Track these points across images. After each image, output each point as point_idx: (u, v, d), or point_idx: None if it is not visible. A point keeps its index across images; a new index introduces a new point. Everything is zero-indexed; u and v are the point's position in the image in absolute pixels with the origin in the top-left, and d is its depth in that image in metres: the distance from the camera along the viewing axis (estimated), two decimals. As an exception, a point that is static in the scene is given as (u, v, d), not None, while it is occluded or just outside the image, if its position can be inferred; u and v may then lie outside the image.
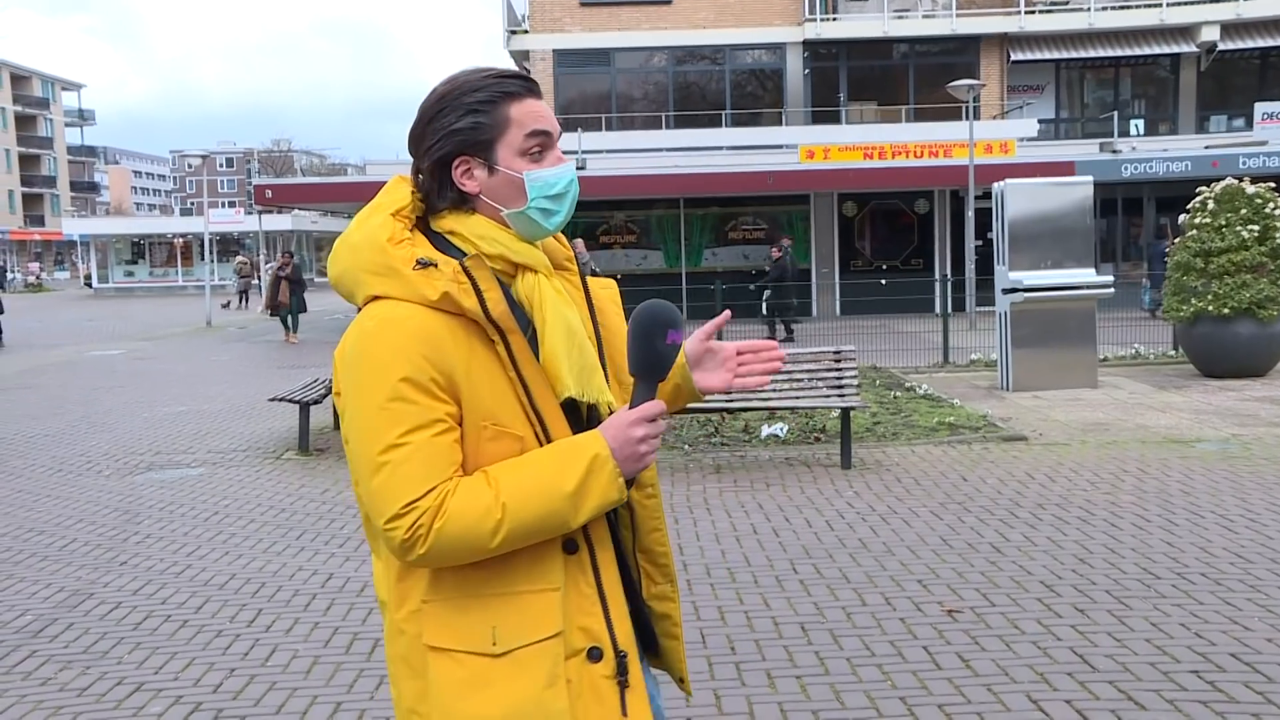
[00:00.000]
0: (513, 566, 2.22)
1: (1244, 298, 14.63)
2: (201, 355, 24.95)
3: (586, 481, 2.15)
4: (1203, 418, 12.38)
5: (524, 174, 2.28)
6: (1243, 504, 8.58)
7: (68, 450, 12.68)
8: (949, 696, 5.16)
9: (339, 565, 7.65)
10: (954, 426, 11.97)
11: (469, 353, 2.20)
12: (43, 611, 6.94)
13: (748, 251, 32.79)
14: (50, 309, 49.35)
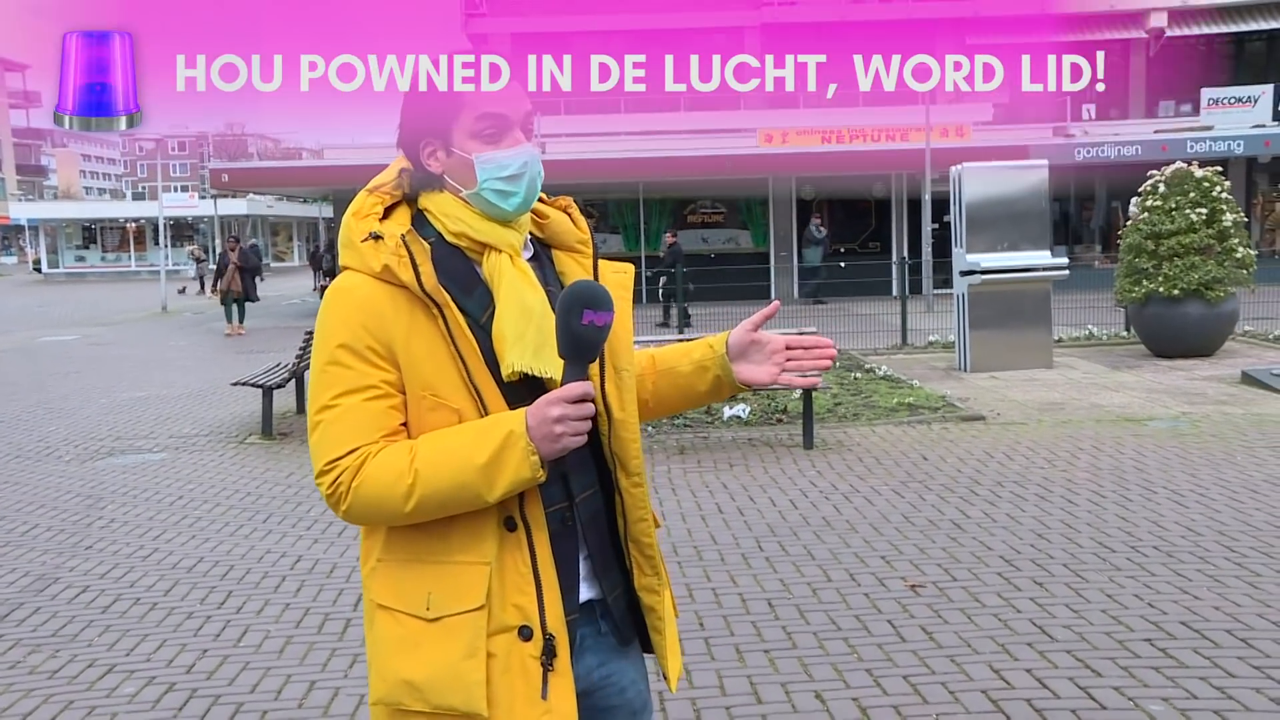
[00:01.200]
0: (451, 536, 2.27)
1: (1193, 279, 14.83)
2: (159, 340, 24.80)
3: (500, 456, 2.16)
4: (1154, 396, 12.54)
5: (474, 156, 2.34)
6: (1193, 479, 8.72)
7: (25, 436, 12.59)
8: (913, 668, 5.23)
9: (307, 548, 7.66)
10: (913, 407, 12.04)
11: (410, 323, 2.26)
12: (8, 596, 6.92)
13: (706, 235, 32.87)
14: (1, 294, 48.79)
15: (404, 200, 2.42)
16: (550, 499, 2.31)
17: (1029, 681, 5.04)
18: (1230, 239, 15.11)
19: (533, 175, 2.36)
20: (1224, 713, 4.71)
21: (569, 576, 2.34)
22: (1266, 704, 4.79)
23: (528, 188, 2.36)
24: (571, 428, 2.16)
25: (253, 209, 62.09)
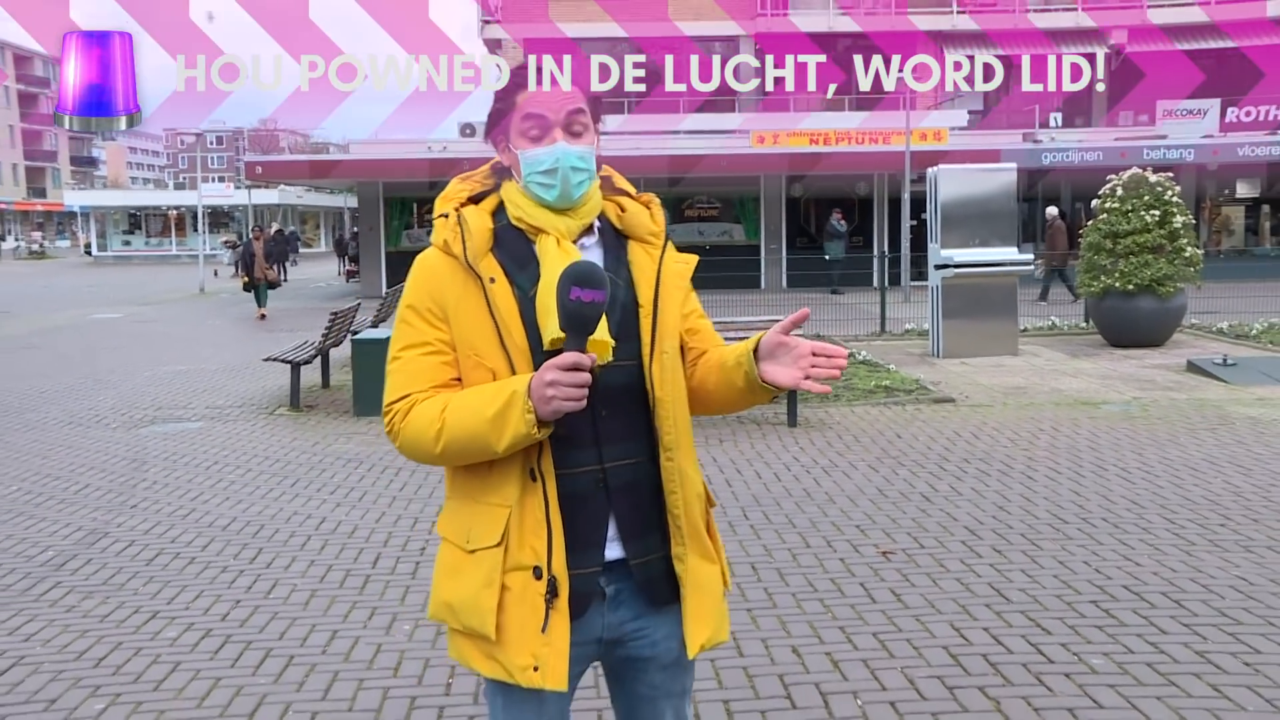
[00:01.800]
0: (488, 481, 2.38)
1: (1146, 276, 14.89)
2: (196, 319, 24.77)
3: (504, 413, 2.24)
4: (1109, 383, 12.58)
5: (519, 152, 2.44)
6: (1140, 458, 8.78)
7: (77, 405, 12.63)
8: (882, 626, 5.29)
9: (330, 510, 7.69)
10: (890, 389, 12.05)
11: (462, 291, 2.39)
12: (63, 548, 6.98)
13: (702, 229, 32.83)
14: (53, 275, 48.69)
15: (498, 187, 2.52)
16: (580, 461, 2.37)
17: (985, 639, 5.10)
18: (1180, 239, 15.15)
19: (565, 171, 2.39)
20: (1155, 665, 4.78)
21: (593, 533, 2.39)
22: (1193, 657, 4.88)
23: (562, 182, 2.40)
24: (562, 392, 2.20)
25: (284, 199, 61.95)
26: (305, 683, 4.80)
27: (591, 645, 2.46)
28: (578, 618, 2.39)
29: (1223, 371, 12.68)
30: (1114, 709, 4.37)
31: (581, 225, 2.46)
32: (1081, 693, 4.52)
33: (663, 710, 2.58)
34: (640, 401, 2.41)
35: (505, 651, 2.36)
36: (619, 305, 2.41)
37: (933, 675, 4.71)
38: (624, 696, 2.60)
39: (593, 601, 2.41)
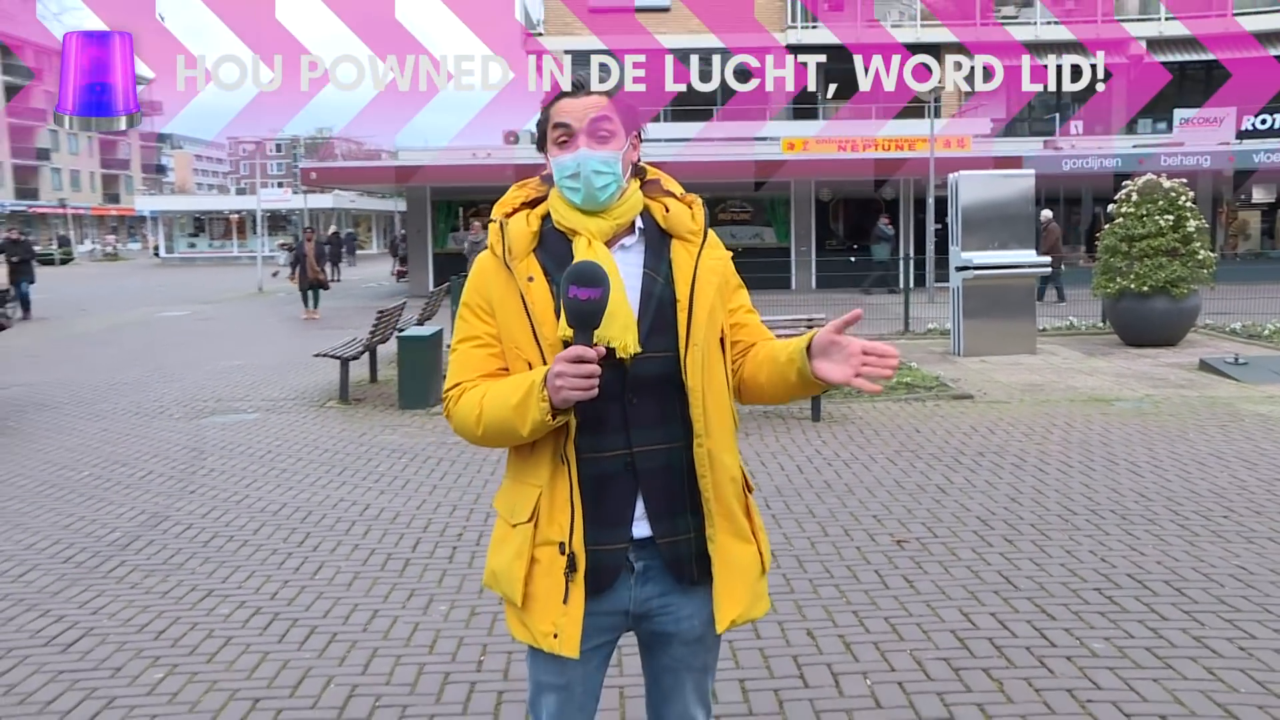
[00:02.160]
0: (526, 462, 2.48)
1: (1160, 278, 14.77)
2: (254, 317, 25.00)
3: (524, 400, 2.30)
4: (1123, 380, 12.48)
5: (551, 159, 2.49)
6: (1149, 453, 8.72)
7: (143, 397, 12.80)
8: (894, 611, 5.30)
9: (375, 498, 7.77)
10: (910, 386, 12.01)
11: (505, 290, 2.46)
12: (129, 530, 7.10)
13: (735, 231, 32.78)
14: (125, 276, 49.26)
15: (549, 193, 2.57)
16: (609, 445, 2.40)
17: (992, 623, 5.10)
18: (1193, 242, 15.00)
19: (587, 175, 2.42)
20: (1154, 649, 4.77)
21: (620, 512, 2.43)
22: (1190, 642, 4.86)
23: (585, 185, 2.43)
24: (569, 383, 2.23)
25: (338, 203, 62.30)
26: (347, 658, 4.87)
27: (619, 616, 2.50)
28: (606, 590, 2.44)
29: (1234, 370, 12.56)
30: (1111, 690, 4.37)
31: (616, 226, 2.48)
32: (1081, 675, 4.52)
33: (684, 682, 2.62)
34: (677, 390, 2.43)
35: (532, 618, 2.44)
36: (655, 299, 2.45)
37: (940, 657, 4.72)
38: (651, 667, 2.66)
39: (620, 575, 2.46)
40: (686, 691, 2.63)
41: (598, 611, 2.45)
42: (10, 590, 5.94)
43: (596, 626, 2.47)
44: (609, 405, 2.37)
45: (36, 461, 9.30)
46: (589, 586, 2.42)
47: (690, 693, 2.63)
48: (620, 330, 2.34)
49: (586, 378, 2.24)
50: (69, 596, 5.81)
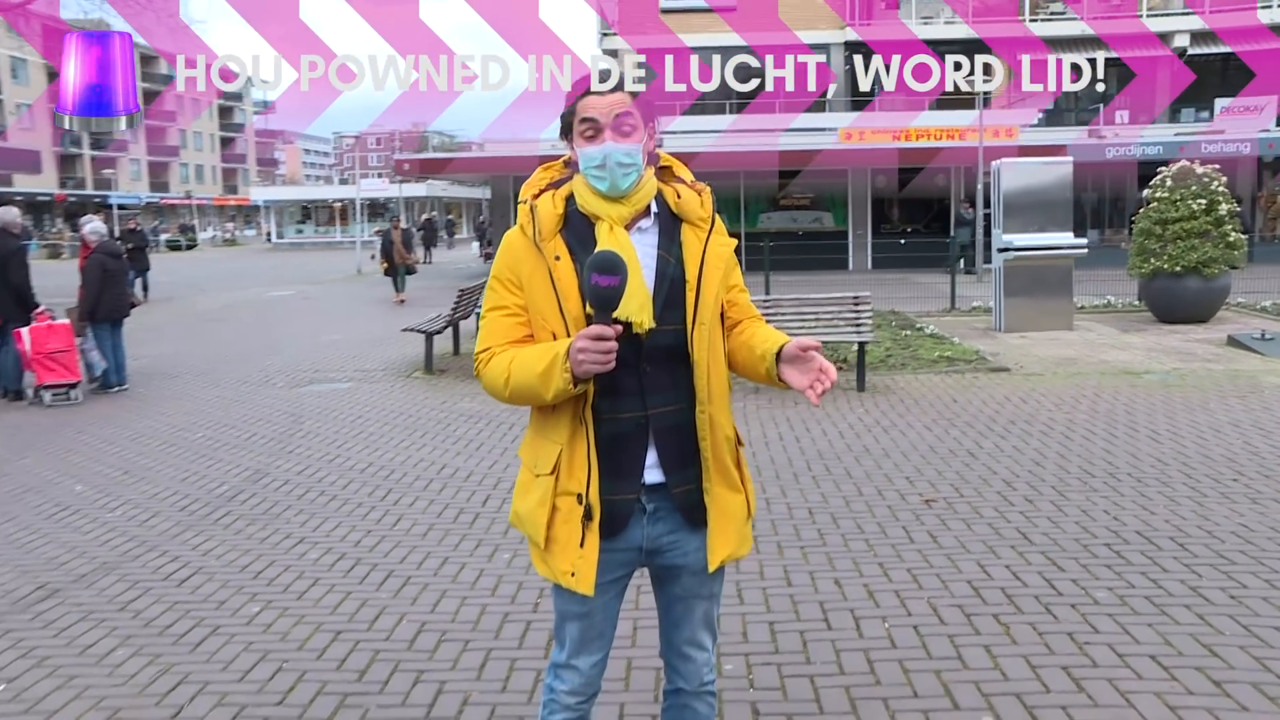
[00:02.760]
0: (549, 420, 2.58)
1: (1192, 258, 14.52)
2: (352, 297, 25.28)
3: (549, 369, 2.40)
4: (1153, 355, 12.28)
5: (578, 150, 2.57)
6: (1170, 422, 8.62)
7: (251, 368, 13.11)
8: (916, 563, 5.35)
9: (451, 458, 7.91)
10: (951, 359, 11.94)
11: (533, 266, 2.55)
12: (235, 484, 7.36)
13: (796, 216, 32.65)
14: (240, 259, 50.26)
15: (572, 176, 2.65)
16: (626, 408, 2.50)
17: (1006, 575, 5.14)
18: (1225, 225, 14.68)
19: (612, 165, 2.49)
20: (1152, 598, 4.79)
21: (633, 465, 2.53)
22: (1186, 591, 4.88)
23: (610, 175, 2.50)
24: (590, 357, 2.33)
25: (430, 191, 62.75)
26: (419, 598, 5.04)
27: (633, 552, 2.60)
28: (619, 533, 2.55)
29: (1260, 345, 12.30)
30: (1109, 633, 4.41)
31: (633, 211, 2.55)
32: (1083, 620, 4.55)
33: (694, 609, 2.72)
34: (684, 360, 2.53)
35: (553, 558, 2.56)
36: (668, 279, 2.53)
37: (954, 604, 4.77)
38: (663, 597, 2.75)
39: (633, 516, 2.56)
40: (695, 619, 2.73)
41: (614, 549, 2.57)
42: (137, 533, 6.24)
43: (613, 562, 2.58)
44: (626, 373, 2.46)
45: (160, 423, 9.63)
46: (604, 531, 2.53)
47: (699, 620, 2.73)
48: (637, 309, 2.43)
49: (605, 353, 2.34)
50: (184, 540, 6.07)
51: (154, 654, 4.49)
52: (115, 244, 12.23)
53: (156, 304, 22.61)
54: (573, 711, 2.71)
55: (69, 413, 10.40)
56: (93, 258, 11.67)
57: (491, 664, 4.27)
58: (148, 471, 7.80)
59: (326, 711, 3.90)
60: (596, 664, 2.70)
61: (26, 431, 9.52)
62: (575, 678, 2.69)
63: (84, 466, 8.04)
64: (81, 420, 9.95)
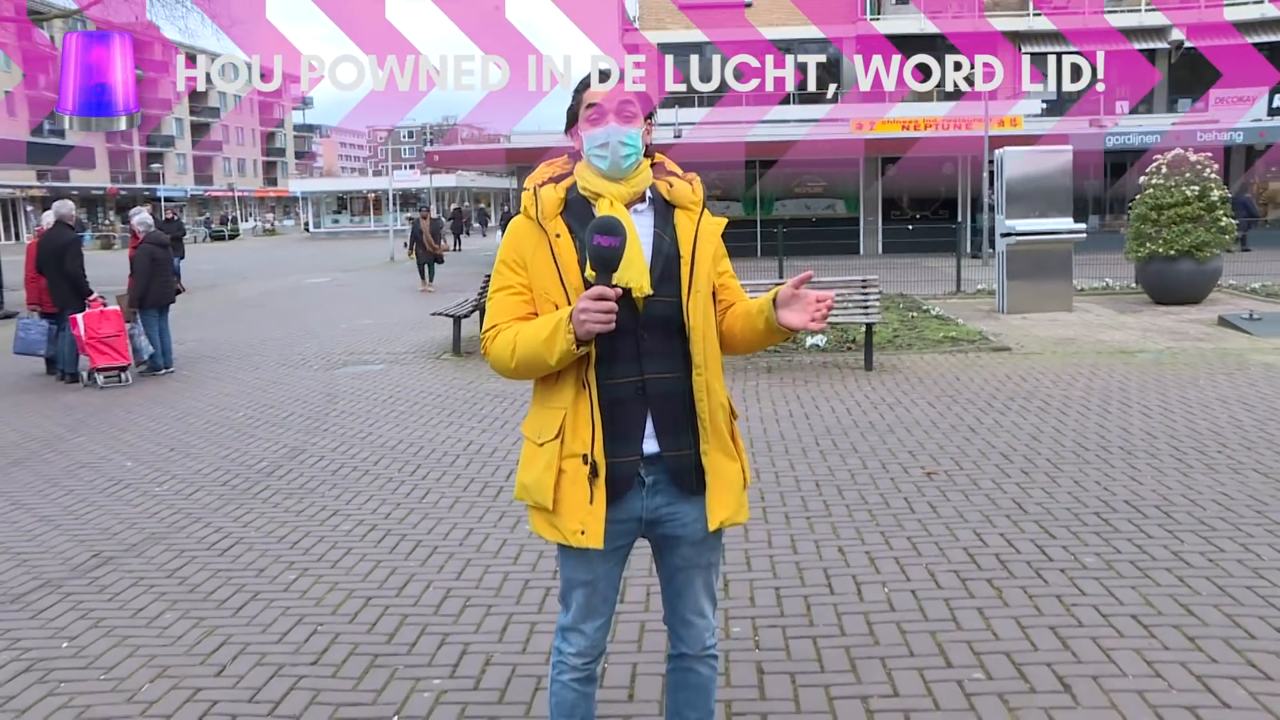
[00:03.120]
0: (551, 390, 2.62)
1: (1186, 242, 14.45)
2: (384, 283, 25.30)
3: (553, 334, 2.44)
4: (1148, 334, 12.24)
5: (583, 134, 2.63)
6: (1161, 398, 8.61)
7: (288, 351, 13.22)
8: (916, 531, 5.38)
9: (477, 436, 7.99)
10: (955, 339, 11.92)
11: (536, 246, 2.60)
12: (274, 460, 7.45)
13: (809, 203, 32.52)
14: (279, 248, 50.45)
15: (572, 171, 2.68)
16: (625, 373, 2.54)
17: (1000, 542, 5.17)
18: (1217, 210, 14.59)
19: (614, 145, 2.56)
20: (1136, 562, 4.83)
21: (633, 429, 2.56)
22: (1168, 555, 4.91)
23: (612, 154, 2.56)
24: (591, 317, 2.37)
25: (460, 182, 62.83)
26: (445, 566, 5.11)
27: (634, 523, 2.63)
28: (620, 497, 2.58)
29: (1248, 325, 12.27)
30: (1094, 595, 4.44)
31: (632, 193, 2.60)
32: (1071, 583, 4.59)
33: (693, 579, 2.75)
34: (679, 329, 2.57)
35: (561, 520, 2.59)
36: (663, 255, 2.58)
37: (951, 570, 4.81)
38: (664, 567, 2.78)
39: (633, 485, 2.59)
40: (697, 588, 2.76)
41: (616, 519, 2.59)
42: (182, 506, 6.35)
43: (615, 531, 2.61)
44: (625, 340, 2.51)
45: (204, 403, 9.75)
46: (608, 495, 2.57)
47: (700, 589, 2.77)
48: (636, 275, 2.48)
49: (606, 313, 2.39)
50: (226, 512, 6.17)
51: (199, 617, 4.59)
52: (162, 234, 12.36)
53: (199, 291, 22.78)
54: (579, 671, 2.75)
55: (120, 394, 10.54)
56: (141, 248, 11.79)
57: (512, 627, 4.34)
58: (192, 449, 7.91)
59: (358, 670, 3.98)
60: (600, 628, 2.74)
61: (81, 411, 9.66)
62: (581, 640, 2.73)
63: (134, 444, 8.17)
64: (131, 401, 10.09)
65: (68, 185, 63.20)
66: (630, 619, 4.33)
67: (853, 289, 11.03)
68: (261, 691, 3.84)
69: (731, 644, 4.07)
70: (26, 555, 5.57)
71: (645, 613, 4.39)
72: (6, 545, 5.75)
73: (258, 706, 3.72)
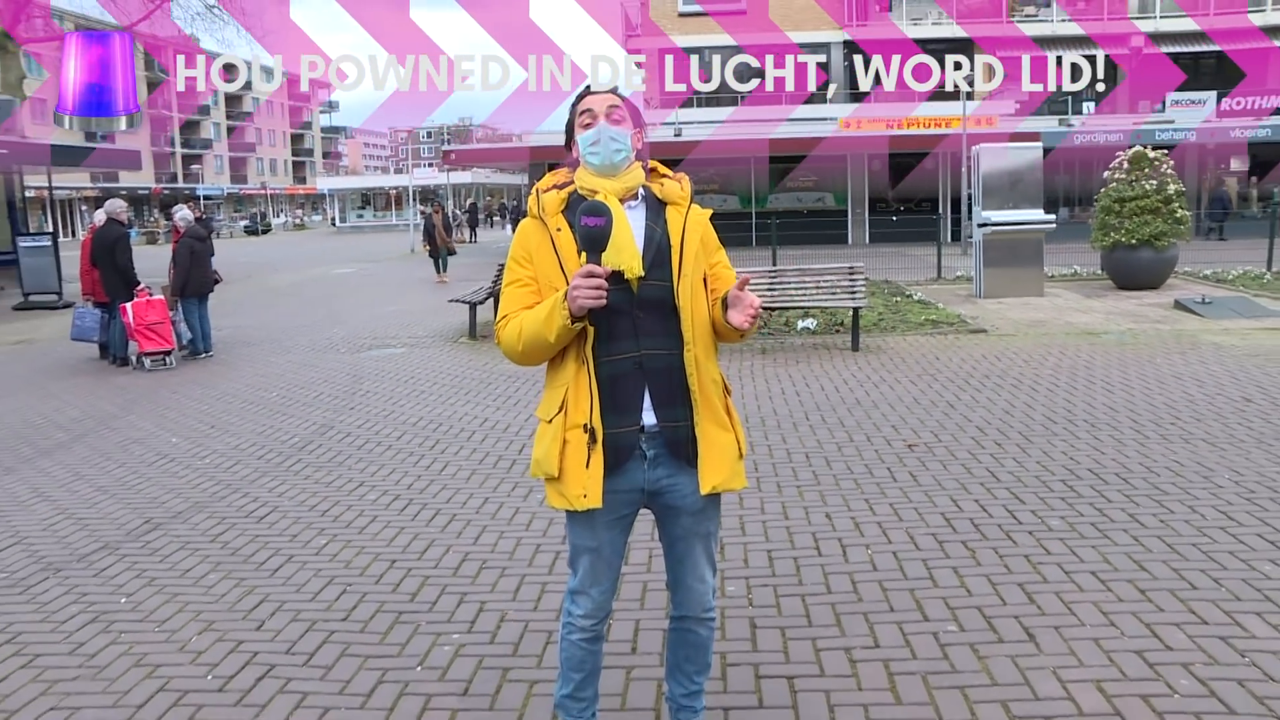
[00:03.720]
0: (556, 369, 2.67)
1: (1145, 232, 14.48)
2: (405, 273, 25.22)
3: (550, 312, 2.50)
4: (1111, 317, 12.24)
5: (578, 136, 2.69)
6: (1123, 375, 8.63)
7: (317, 336, 13.24)
8: (898, 498, 5.42)
9: (492, 413, 8.01)
10: (936, 322, 11.93)
11: (540, 240, 2.66)
12: (304, 436, 7.48)
13: (800, 196, 32.45)
14: (308, 242, 50.38)
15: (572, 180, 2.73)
16: (623, 350, 2.58)
17: (974, 507, 5.21)
18: (1173, 203, 14.63)
19: (605, 141, 2.61)
20: (1096, 524, 4.88)
21: (632, 401, 2.59)
22: (1125, 517, 4.97)
23: (604, 150, 2.62)
24: (582, 293, 2.43)
25: (475, 178, 62.59)
26: (462, 533, 5.15)
27: (636, 493, 2.66)
28: (622, 467, 2.61)
29: (1200, 308, 12.28)
30: (1058, 555, 4.49)
31: (624, 189, 2.65)
32: (1038, 544, 4.63)
33: (694, 545, 2.77)
34: (671, 310, 2.60)
35: (566, 486, 2.63)
36: (655, 243, 2.63)
37: (929, 533, 4.85)
38: (666, 536, 2.81)
39: (633, 456, 2.62)
40: (697, 554, 2.79)
41: (619, 489, 2.63)
42: (222, 478, 6.40)
43: (619, 501, 2.65)
44: (622, 319, 2.56)
45: (240, 385, 9.79)
46: (608, 462, 2.60)
47: (700, 555, 2.79)
48: (628, 258, 2.54)
49: (596, 289, 2.44)
50: (262, 484, 6.22)
51: (240, 578, 4.64)
52: (201, 229, 12.38)
53: (235, 281, 22.76)
54: (587, 631, 2.79)
55: (165, 376, 10.59)
56: (182, 241, 11.83)
57: (525, 587, 4.38)
58: (231, 426, 7.96)
59: (384, 626, 4.04)
60: (605, 591, 2.78)
61: (131, 392, 9.72)
62: (588, 603, 2.77)
63: (178, 421, 8.22)
64: (176, 382, 10.14)
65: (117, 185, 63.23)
66: (634, 579, 4.38)
67: (841, 275, 11.05)
68: (297, 644, 3.90)
69: (727, 602, 4.11)
70: (88, 520, 5.65)
71: (647, 574, 4.43)
72: (71, 511, 5.83)
73: (294, 657, 3.78)
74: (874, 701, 3.28)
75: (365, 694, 3.47)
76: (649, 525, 4.29)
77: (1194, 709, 3.16)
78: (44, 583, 4.70)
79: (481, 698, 3.41)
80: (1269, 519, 4.89)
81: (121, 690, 3.58)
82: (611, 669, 3.51)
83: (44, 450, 7.41)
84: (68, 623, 4.22)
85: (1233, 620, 3.78)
